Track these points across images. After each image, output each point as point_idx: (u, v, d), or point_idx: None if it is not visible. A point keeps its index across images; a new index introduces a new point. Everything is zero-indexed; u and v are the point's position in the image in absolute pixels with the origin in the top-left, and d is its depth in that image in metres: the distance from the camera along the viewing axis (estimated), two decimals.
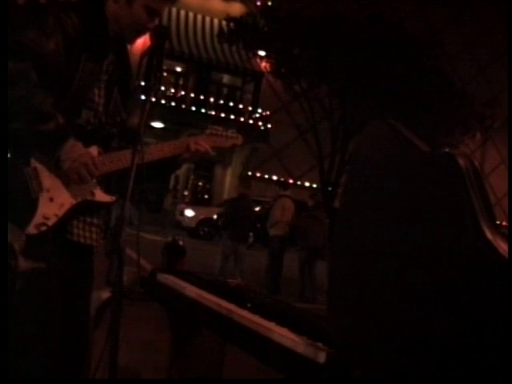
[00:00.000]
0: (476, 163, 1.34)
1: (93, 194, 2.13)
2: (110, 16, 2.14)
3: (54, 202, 2.04)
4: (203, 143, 2.32)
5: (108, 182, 2.18)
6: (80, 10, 2.10)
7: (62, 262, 2.09)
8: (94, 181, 2.12)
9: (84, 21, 2.08)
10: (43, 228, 2.00)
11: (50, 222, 2.02)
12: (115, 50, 2.22)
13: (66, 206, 2.06)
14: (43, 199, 2.02)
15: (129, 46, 2.28)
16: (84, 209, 2.12)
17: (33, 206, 2.00)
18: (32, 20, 2.03)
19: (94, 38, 2.11)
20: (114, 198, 2.17)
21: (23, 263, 1.95)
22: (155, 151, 2.22)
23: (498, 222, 1.37)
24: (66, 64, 2.04)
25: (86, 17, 2.09)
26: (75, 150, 2.03)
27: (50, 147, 2.01)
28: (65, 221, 2.07)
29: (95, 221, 2.20)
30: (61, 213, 2.05)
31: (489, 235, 1.26)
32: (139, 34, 2.20)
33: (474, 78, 25.39)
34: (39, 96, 1.97)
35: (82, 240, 2.15)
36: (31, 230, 1.98)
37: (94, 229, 2.19)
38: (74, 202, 2.08)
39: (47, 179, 2.03)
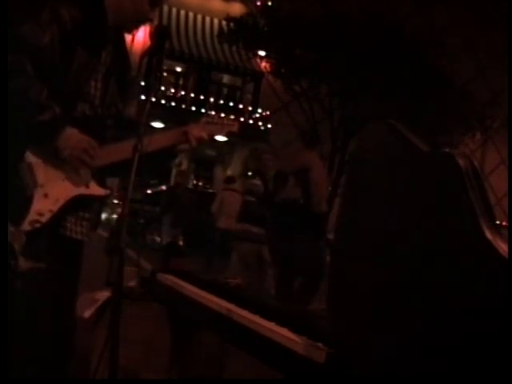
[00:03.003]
0: (476, 163, 1.34)
1: (88, 187, 2.12)
2: (110, 6, 2.14)
3: (48, 197, 2.03)
4: (198, 132, 2.32)
5: (102, 175, 2.18)
6: (78, 2, 2.09)
7: (54, 257, 2.08)
8: (89, 174, 2.11)
9: (82, 12, 2.07)
10: (37, 225, 1.99)
11: (44, 219, 2.01)
12: (113, 40, 2.21)
13: (61, 201, 2.05)
14: (37, 195, 2.01)
15: (127, 37, 2.27)
16: (78, 203, 2.12)
17: (27, 202, 2.00)
18: (27, 13, 2.02)
19: (92, 29, 2.10)
20: (108, 192, 2.17)
21: (23, 263, 1.95)
22: (152, 142, 2.20)
23: (497, 222, 1.37)
24: (61, 57, 2.03)
25: (84, 8, 2.09)
26: (73, 137, 2.02)
27: (48, 138, 2.00)
28: (59, 216, 2.06)
29: (87, 215, 2.19)
30: (55, 208, 2.04)
31: (489, 235, 1.26)
32: (140, 24, 2.20)
33: (473, 78, 25.37)
34: (35, 88, 1.96)
35: (73, 235, 2.15)
36: (25, 226, 1.98)
37: (85, 223, 2.19)
38: (69, 196, 2.07)
39: (42, 174, 2.02)
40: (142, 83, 2.05)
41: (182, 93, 22.34)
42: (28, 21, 1.99)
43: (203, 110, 21.71)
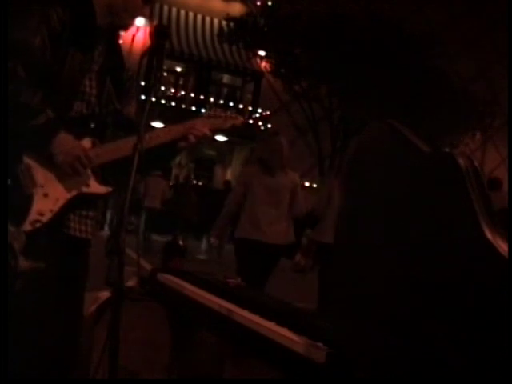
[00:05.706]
0: (476, 163, 1.34)
1: (88, 185, 2.12)
2: (101, 4, 2.14)
3: (48, 197, 2.03)
4: (201, 127, 2.31)
5: (103, 172, 2.18)
6: (66, 3, 2.09)
7: (59, 257, 2.08)
8: (89, 172, 2.11)
9: (71, 13, 2.08)
10: (38, 224, 2.00)
11: (45, 218, 2.01)
12: (106, 39, 2.21)
13: (62, 201, 2.06)
14: (37, 195, 2.01)
15: (127, 37, 2.28)
16: (80, 202, 2.12)
17: (27, 202, 2.00)
18: (16, 17, 2.02)
19: (82, 30, 2.10)
20: (109, 189, 2.16)
21: (23, 263, 1.95)
22: (151, 137, 2.20)
23: None
24: (53, 58, 2.03)
25: (72, 9, 2.09)
26: (66, 143, 2.02)
27: (42, 142, 2.00)
28: (61, 215, 2.06)
29: (91, 213, 2.19)
30: (56, 208, 2.04)
31: (489, 235, 1.26)
32: (133, 18, 2.20)
33: (473, 78, 25.37)
34: (27, 92, 1.97)
35: (78, 234, 2.15)
36: (26, 226, 1.98)
37: (89, 221, 2.19)
38: (69, 196, 2.07)
39: (41, 175, 2.03)
40: (142, 83, 2.04)
41: (182, 93, 22.33)
42: (17, 25, 1.99)
43: (203, 110, 21.70)
